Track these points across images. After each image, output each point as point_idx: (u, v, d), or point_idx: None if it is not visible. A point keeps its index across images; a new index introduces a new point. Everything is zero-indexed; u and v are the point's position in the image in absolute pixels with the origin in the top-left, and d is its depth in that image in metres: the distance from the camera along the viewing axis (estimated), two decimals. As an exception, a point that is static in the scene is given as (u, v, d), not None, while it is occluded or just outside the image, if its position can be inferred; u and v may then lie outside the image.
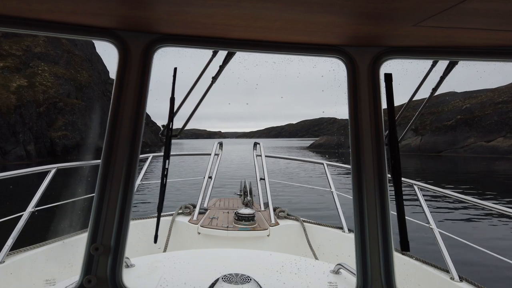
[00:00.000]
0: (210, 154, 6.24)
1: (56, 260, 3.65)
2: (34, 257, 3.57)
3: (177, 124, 2.10)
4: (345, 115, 2.05)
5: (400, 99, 2.00)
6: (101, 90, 69.02)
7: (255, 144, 6.64)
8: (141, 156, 5.86)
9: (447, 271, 3.72)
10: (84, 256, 1.85)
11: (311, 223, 5.46)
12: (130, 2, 1.55)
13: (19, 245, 3.57)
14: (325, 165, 5.80)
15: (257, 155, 6.34)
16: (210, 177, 5.92)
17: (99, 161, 1.91)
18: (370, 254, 1.92)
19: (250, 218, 4.97)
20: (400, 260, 4.15)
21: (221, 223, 4.99)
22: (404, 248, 1.79)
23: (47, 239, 3.91)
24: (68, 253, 3.75)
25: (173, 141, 1.99)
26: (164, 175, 1.92)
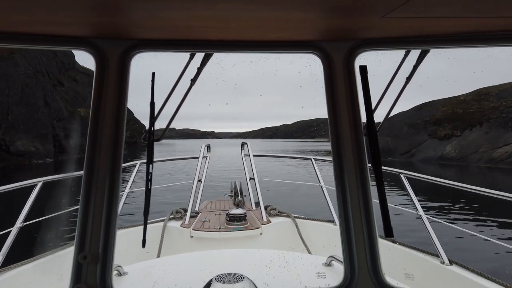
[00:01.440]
0: (198, 158, 6.24)
1: (48, 274, 3.61)
2: (25, 273, 3.53)
3: (163, 125, 2.12)
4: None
5: (376, 90, 2.04)
6: (39, 69, 47.89)
7: (243, 144, 6.68)
8: (129, 164, 5.75)
9: (436, 255, 3.80)
10: (73, 265, 1.85)
11: (303, 218, 5.51)
12: (103, 10, 1.55)
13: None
14: (313, 160, 5.89)
15: (245, 155, 6.38)
16: (199, 180, 5.92)
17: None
18: (355, 242, 1.96)
19: (241, 218, 4.98)
20: (387, 247, 4.22)
21: (213, 225, 4.99)
22: (388, 234, 1.83)
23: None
24: (60, 266, 3.71)
25: (164, 141, 1.99)
26: (149, 180, 1.93)
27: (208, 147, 6.64)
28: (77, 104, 55.85)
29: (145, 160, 1.95)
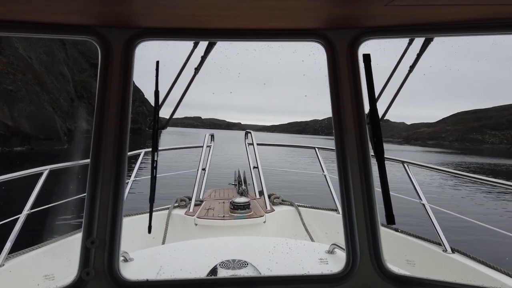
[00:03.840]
0: (202, 147, 6.30)
1: (57, 259, 3.69)
2: (34, 258, 3.61)
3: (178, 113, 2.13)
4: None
5: (380, 79, 2.05)
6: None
7: (247, 133, 6.71)
8: (133, 152, 5.80)
9: (439, 243, 3.84)
10: (81, 250, 1.90)
11: (306, 207, 5.56)
12: None
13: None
14: (317, 149, 5.91)
15: (249, 144, 6.42)
16: (203, 169, 5.98)
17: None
18: (357, 230, 1.99)
19: (245, 207, 5.04)
20: (389, 235, 4.27)
21: (217, 213, 5.05)
22: (390, 222, 1.86)
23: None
24: (68, 251, 3.79)
25: (188, 130, 2.01)
26: (154, 168, 1.96)
27: (212, 136, 6.69)
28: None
29: (148, 149, 1.98)
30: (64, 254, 3.71)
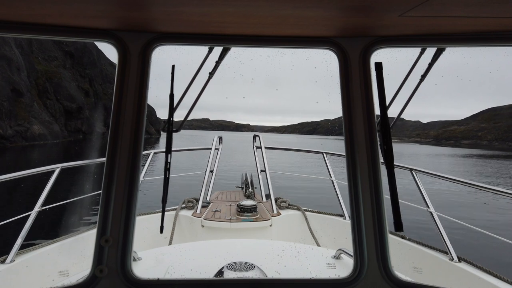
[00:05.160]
0: (210, 149, 6.35)
1: (66, 256, 3.75)
2: (43, 255, 3.67)
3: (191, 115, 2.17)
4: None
5: (391, 87, 2.07)
6: None
7: (255, 136, 6.76)
8: (143, 152, 5.89)
9: (445, 252, 3.83)
10: (95, 248, 1.95)
11: (312, 211, 5.58)
12: (128, 4, 1.62)
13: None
14: (324, 155, 5.93)
15: (256, 147, 6.46)
16: (211, 171, 6.02)
17: (104, 159, 2.00)
18: (365, 236, 2.01)
19: (252, 210, 5.07)
20: (396, 242, 4.27)
21: (224, 215, 5.08)
22: (398, 228, 1.88)
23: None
24: (78, 249, 3.85)
25: (195, 133, 2.05)
26: (167, 169, 2.00)
27: (220, 138, 6.74)
28: None
29: (159, 150, 2.03)
30: (78, 249, 3.78)
